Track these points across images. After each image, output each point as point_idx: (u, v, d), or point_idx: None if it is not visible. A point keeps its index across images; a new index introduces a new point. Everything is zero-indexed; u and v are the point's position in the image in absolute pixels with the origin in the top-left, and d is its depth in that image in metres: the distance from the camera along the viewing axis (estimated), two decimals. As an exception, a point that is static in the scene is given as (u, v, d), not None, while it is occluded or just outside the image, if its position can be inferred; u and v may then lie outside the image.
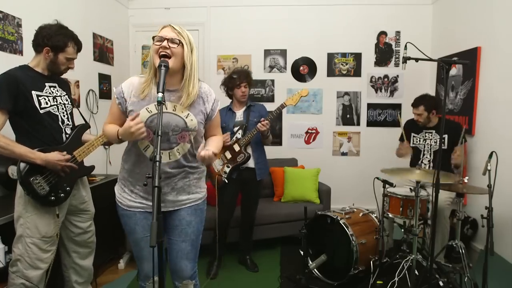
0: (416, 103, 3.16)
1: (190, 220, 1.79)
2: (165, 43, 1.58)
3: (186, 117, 1.67)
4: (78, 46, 2.09)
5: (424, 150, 3.24)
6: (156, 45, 1.59)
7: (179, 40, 1.60)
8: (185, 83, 1.65)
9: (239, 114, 3.05)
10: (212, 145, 1.76)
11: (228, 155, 2.95)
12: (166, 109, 1.64)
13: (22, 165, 1.86)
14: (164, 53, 1.57)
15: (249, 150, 2.98)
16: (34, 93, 1.92)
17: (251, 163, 3.00)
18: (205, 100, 1.74)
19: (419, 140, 3.27)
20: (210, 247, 2.99)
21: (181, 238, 1.79)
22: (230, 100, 3.13)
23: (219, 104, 1.82)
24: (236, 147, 2.94)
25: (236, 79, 2.97)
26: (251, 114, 3.03)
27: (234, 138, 2.96)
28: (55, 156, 1.92)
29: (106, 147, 3.71)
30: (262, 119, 2.83)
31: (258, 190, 3.17)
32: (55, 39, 1.95)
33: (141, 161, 1.70)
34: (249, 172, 3.01)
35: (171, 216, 1.78)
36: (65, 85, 2.19)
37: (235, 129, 2.99)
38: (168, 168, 1.69)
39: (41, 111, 1.93)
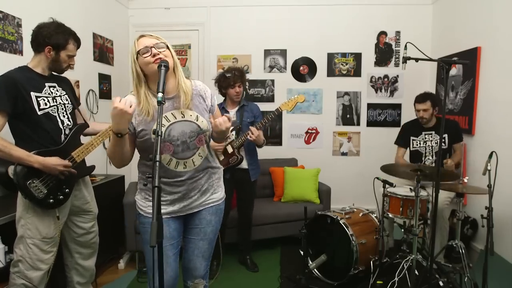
0: (422, 98, 3.13)
1: (210, 220, 1.81)
2: (154, 50, 1.57)
3: (197, 120, 1.68)
4: (78, 43, 2.10)
5: (425, 152, 3.22)
6: (145, 57, 1.57)
7: (164, 44, 1.61)
8: (179, 83, 1.66)
9: (232, 114, 3.01)
10: None
11: (221, 156, 2.93)
12: (176, 118, 1.65)
13: (18, 168, 1.85)
14: (158, 58, 1.56)
15: (242, 152, 2.96)
16: (33, 94, 1.91)
17: (244, 164, 2.99)
18: (204, 97, 1.76)
19: (419, 143, 3.25)
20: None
21: (200, 236, 1.80)
22: (223, 98, 3.11)
23: (215, 98, 1.84)
24: (229, 149, 2.91)
25: (230, 79, 2.93)
26: (244, 114, 3.00)
27: (228, 140, 2.94)
28: (53, 161, 1.91)
29: (106, 147, 3.71)
30: (250, 127, 2.79)
31: (253, 190, 3.15)
32: (56, 37, 1.95)
33: (164, 171, 1.67)
34: (243, 173, 3.00)
35: (192, 217, 1.79)
36: (66, 84, 2.18)
37: None
38: (195, 172, 1.71)
39: (40, 113, 1.92)
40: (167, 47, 1.63)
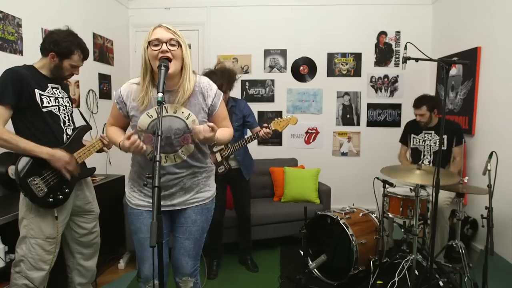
0: (418, 104, 3.15)
1: (196, 219, 1.79)
2: (164, 47, 1.54)
3: (187, 118, 1.65)
4: (85, 54, 2.10)
5: (424, 151, 3.24)
6: (154, 50, 1.54)
7: (177, 41, 1.58)
8: (183, 81, 1.63)
9: None
10: (218, 132, 1.69)
11: None
12: (167, 112, 1.62)
13: (20, 165, 1.86)
14: (164, 57, 1.54)
15: (231, 162, 2.89)
16: (37, 91, 1.92)
17: (236, 165, 2.94)
18: (205, 95, 1.71)
19: (419, 141, 3.27)
20: (208, 247, 2.98)
21: (185, 236, 1.79)
22: None
23: (221, 97, 1.77)
24: (218, 157, 2.82)
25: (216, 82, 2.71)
26: (233, 117, 2.85)
27: (217, 147, 2.81)
28: (62, 153, 1.93)
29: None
30: (265, 127, 2.63)
31: (247, 188, 3.10)
32: (62, 45, 1.96)
33: (149, 163, 1.68)
34: (236, 172, 2.96)
35: (178, 214, 1.79)
36: (66, 87, 2.20)
37: None
38: (175, 169, 1.69)
39: (43, 110, 1.94)
40: (180, 46, 1.59)
